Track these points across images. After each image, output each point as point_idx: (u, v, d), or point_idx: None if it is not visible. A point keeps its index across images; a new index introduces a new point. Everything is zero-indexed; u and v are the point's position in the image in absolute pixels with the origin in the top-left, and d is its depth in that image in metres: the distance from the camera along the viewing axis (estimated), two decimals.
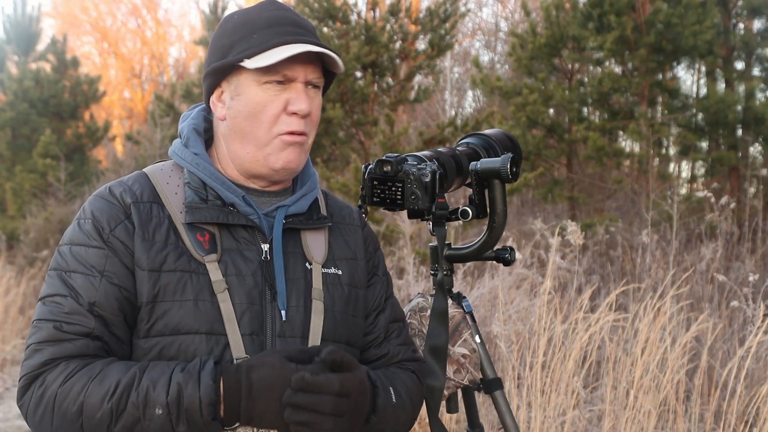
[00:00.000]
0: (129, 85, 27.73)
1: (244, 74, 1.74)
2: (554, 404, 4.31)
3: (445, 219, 2.09)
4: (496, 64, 15.85)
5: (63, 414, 1.56)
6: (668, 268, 6.13)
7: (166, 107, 14.07)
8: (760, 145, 9.74)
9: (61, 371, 1.59)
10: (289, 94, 1.73)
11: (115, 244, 1.67)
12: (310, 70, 1.74)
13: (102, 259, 1.66)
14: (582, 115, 9.91)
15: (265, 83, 1.72)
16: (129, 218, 1.69)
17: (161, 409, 1.52)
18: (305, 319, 1.73)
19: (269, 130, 1.74)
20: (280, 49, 1.69)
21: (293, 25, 1.75)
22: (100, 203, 1.71)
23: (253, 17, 1.76)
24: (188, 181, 1.76)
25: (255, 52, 1.70)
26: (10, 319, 9.72)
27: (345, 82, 9.12)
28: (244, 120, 1.75)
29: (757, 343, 4.34)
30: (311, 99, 1.76)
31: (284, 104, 1.73)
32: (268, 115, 1.73)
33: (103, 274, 1.65)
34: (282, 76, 1.72)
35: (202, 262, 1.68)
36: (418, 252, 7.13)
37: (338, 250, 1.85)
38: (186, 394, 1.53)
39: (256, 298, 1.69)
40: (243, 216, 1.74)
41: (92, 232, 1.68)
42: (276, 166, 1.75)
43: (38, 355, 1.61)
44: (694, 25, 8.44)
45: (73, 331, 1.61)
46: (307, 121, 1.75)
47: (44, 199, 14.65)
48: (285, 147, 1.74)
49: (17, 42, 18.82)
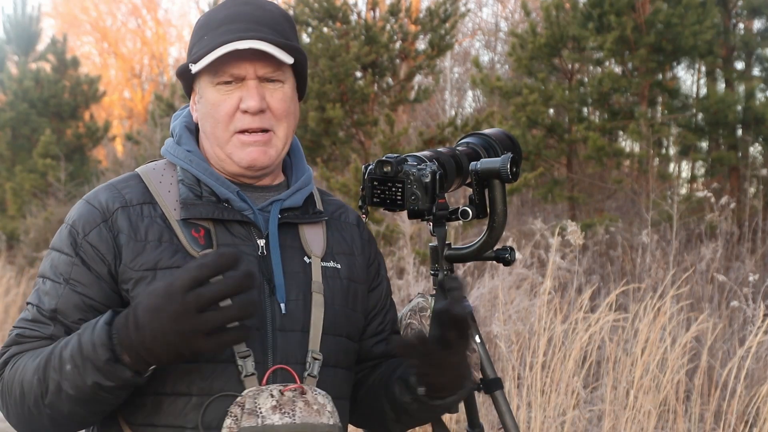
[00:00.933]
0: (129, 85, 27.73)
1: (202, 77, 1.75)
2: (554, 404, 4.31)
3: (445, 219, 2.09)
4: (496, 64, 15.85)
5: (14, 399, 1.60)
6: (668, 268, 6.13)
7: (166, 107, 14.06)
8: (760, 145, 9.74)
9: (13, 362, 1.63)
10: (241, 92, 1.72)
11: (86, 250, 1.67)
12: (259, 66, 1.72)
13: (68, 267, 1.67)
14: (582, 115, 9.90)
15: (217, 84, 1.72)
16: (106, 222, 1.69)
17: (70, 364, 1.52)
18: (305, 312, 1.72)
19: (226, 129, 1.73)
20: (216, 51, 1.68)
21: (244, 21, 1.73)
22: (82, 208, 1.73)
23: (212, 17, 1.77)
24: (182, 179, 1.76)
25: (201, 55, 1.71)
26: (10, 319, 9.73)
27: (345, 82, 9.12)
28: (205, 121, 1.76)
29: (757, 343, 4.35)
30: (269, 94, 1.73)
31: (237, 102, 1.72)
32: (221, 115, 1.72)
33: (68, 282, 1.66)
34: (230, 76, 1.71)
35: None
36: (418, 252, 7.13)
37: (336, 245, 1.85)
38: (83, 341, 1.52)
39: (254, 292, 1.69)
40: (238, 212, 1.74)
41: (67, 238, 1.70)
42: (242, 164, 1.74)
43: (2, 358, 1.66)
44: (694, 25, 8.44)
45: (32, 335, 1.66)
46: (265, 117, 1.73)
47: (44, 199, 14.65)
48: (244, 147, 1.73)
49: (17, 42, 18.84)
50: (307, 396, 1.63)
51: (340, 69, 8.92)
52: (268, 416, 1.59)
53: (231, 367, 1.64)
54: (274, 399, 1.61)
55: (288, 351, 1.68)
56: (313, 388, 1.66)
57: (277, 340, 1.68)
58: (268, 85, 1.74)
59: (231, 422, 1.59)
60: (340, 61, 8.87)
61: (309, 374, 1.68)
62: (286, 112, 1.76)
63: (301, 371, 1.68)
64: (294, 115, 1.80)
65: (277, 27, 1.75)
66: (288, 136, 1.79)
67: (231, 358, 1.64)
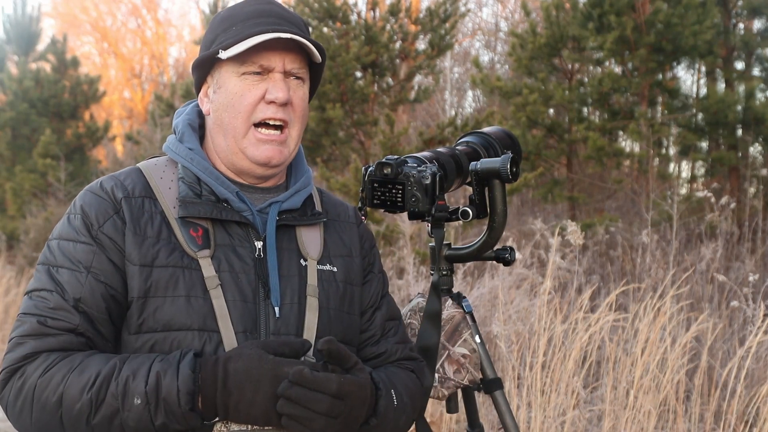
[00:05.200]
0: (129, 85, 27.72)
1: (224, 67, 1.75)
2: (554, 404, 4.31)
3: (445, 220, 2.09)
4: (496, 64, 15.84)
5: (43, 405, 1.56)
6: (668, 268, 6.13)
7: (166, 107, 14.06)
8: (760, 145, 9.74)
9: (41, 363, 1.58)
10: (267, 84, 1.74)
11: (103, 240, 1.66)
12: (288, 60, 1.74)
13: (89, 255, 1.65)
14: (582, 115, 9.90)
15: (243, 74, 1.73)
16: (118, 213, 1.68)
17: (140, 399, 1.52)
18: (299, 316, 1.72)
19: (246, 120, 1.74)
20: (253, 39, 1.70)
21: (274, 17, 1.75)
22: (90, 198, 1.71)
23: (237, 11, 1.78)
24: (182, 176, 1.76)
25: (231, 44, 1.72)
26: (10, 319, 9.73)
27: (345, 82, 9.12)
28: (224, 111, 1.75)
29: (757, 343, 4.35)
30: (293, 89, 1.75)
31: (262, 93, 1.73)
32: (245, 104, 1.73)
33: (90, 270, 1.64)
34: (259, 67, 1.73)
35: (195, 258, 1.68)
36: (418, 252, 7.13)
37: (333, 247, 1.85)
38: (164, 384, 1.52)
39: (249, 295, 1.69)
40: (236, 212, 1.74)
41: (81, 227, 1.68)
42: (257, 160, 1.75)
43: (20, 348, 1.60)
44: (694, 25, 8.43)
45: (57, 326, 1.61)
46: (287, 110, 1.75)
47: (44, 199, 14.65)
48: (260, 144, 1.74)
49: (17, 42, 18.84)
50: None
51: (340, 69, 8.92)
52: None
53: None
54: None
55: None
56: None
57: None
58: (293, 81, 1.76)
59: (221, 426, 1.60)
60: (340, 61, 8.87)
61: None
62: (303, 111, 1.79)
63: None
64: (306, 117, 1.82)
65: (303, 28, 1.79)
66: (299, 137, 1.81)
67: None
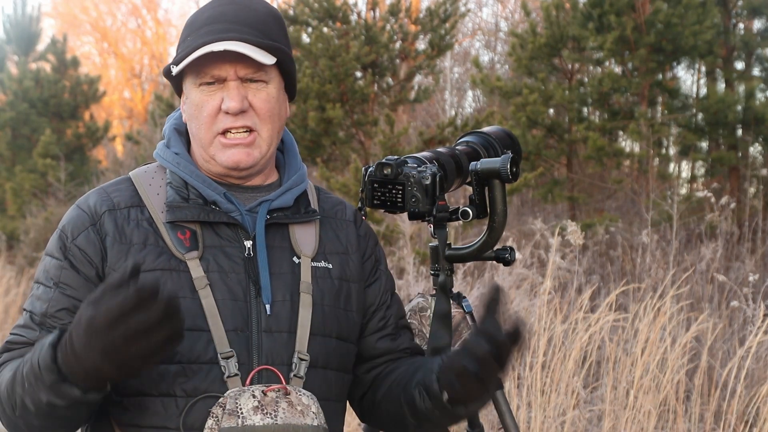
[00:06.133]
0: (129, 85, 27.71)
1: (187, 78, 1.75)
2: (554, 404, 4.31)
3: (445, 220, 2.09)
4: (496, 64, 15.84)
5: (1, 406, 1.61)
6: (668, 268, 6.13)
7: (166, 107, 14.04)
8: (760, 145, 9.73)
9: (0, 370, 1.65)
10: (223, 93, 1.71)
11: (74, 252, 1.69)
12: (240, 67, 1.70)
13: (58, 271, 1.69)
14: (582, 115, 9.90)
15: (200, 85, 1.72)
16: (95, 226, 1.70)
17: (27, 383, 1.54)
18: (292, 313, 1.71)
19: (209, 130, 1.73)
20: (196, 52, 1.68)
21: (228, 22, 1.72)
22: (72, 212, 1.75)
23: (197, 17, 1.76)
24: (170, 181, 1.76)
25: (182, 57, 1.71)
26: (10, 319, 9.73)
27: (345, 82, 9.12)
28: (192, 121, 1.76)
29: (757, 343, 4.35)
30: (252, 94, 1.72)
31: (219, 103, 1.72)
32: (204, 116, 1.72)
33: (58, 285, 1.68)
34: (211, 77, 1.71)
35: (183, 260, 1.68)
36: (418, 252, 7.13)
37: (329, 244, 1.83)
38: (33, 362, 1.53)
39: (239, 294, 1.69)
40: (224, 213, 1.73)
41: (56, 242, 1.72)
42: (225, 165, 1.74)
43: None
44: (694, 25, 8.43)
45: (19, 341, 1.68)
46: (247, 116, 1.72)
47: (44, 199, 14.64)
48: (226, 149, 1.73)
49: (17, 42, 18.82)
50: (291, 397, 1.63)
51: (340, 69, 8.92)
52: (249, 417, 1.58)
53: (215, 368, 1.64)
54: (256, 399, 1.60)
55: (273, 352, 1.68)
56: (297, 389, 1.65)
57: (263, 342, 1.68)
58: (251, 85, 1.73)
59: (212, 423, 1.59)
60: (340, 61, 8.87)
61: (295, 375, 1.68)
62: (270, 112, 1.75)
63: (287, 372, 1.67)
64: (280, 115, 1.79)
65: (260, 26, 1.74)
66: (273, 137, 1.78)
67: (214, 359, 1.64)
